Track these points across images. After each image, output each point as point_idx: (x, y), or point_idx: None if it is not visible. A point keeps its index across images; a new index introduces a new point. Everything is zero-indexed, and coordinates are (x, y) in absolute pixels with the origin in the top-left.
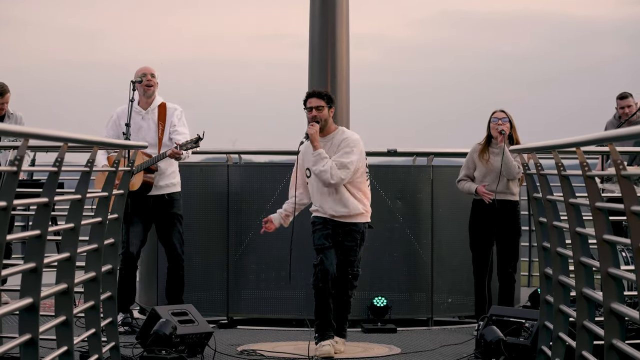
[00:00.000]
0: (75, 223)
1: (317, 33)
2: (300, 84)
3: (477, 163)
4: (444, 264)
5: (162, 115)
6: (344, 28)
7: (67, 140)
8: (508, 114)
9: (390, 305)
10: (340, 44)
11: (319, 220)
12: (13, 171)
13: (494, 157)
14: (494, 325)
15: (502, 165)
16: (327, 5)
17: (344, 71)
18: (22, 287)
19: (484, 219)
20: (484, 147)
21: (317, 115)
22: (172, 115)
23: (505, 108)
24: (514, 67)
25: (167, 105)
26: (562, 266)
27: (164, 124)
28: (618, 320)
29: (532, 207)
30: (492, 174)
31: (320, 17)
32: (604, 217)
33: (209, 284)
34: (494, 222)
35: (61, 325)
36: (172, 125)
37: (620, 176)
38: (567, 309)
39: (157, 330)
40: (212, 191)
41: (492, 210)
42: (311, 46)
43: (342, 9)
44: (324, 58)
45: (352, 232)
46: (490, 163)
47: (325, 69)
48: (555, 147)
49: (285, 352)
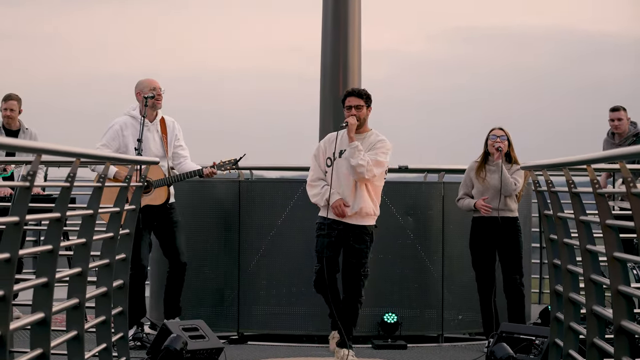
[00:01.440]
0: (87, 238)
1: (329, 47)
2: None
3: (474, 181)
4: (454, 280)
5: (164, 128)
6: (356, 43)
7: (80, 156)
8: (506, 131)
9: (401, 322)
10: (352, 58)
11: (325, 225)
12: (26, 186)
13: (491, 175)
14: (504, 342)
15: (501, 180)
16: (340, 20)
17: (356, 85)
18: (34, 301)
19: (484, 236)
20: (481, 164)
21: (357, 114)
22: (173, 128)
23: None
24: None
25: (166, 119)
26: (572, 283)
27: (167, 137)
28: (628, 338)
29: (542, 224)
30: (489, 191)
31: (332, 31)
32: (614, 234)
33: (220, 300)
34: (494, 240)
35: (72, 340)
36: (177, 139)
37: (630, 194)
38: (578, 326)
39: (167, 346)
40: (224, 207)
41: (492, 227)
42: (323, 60)
43: (354, 23)
44: (335, 72)
45: (362, 235)
46: (487, 181)
47: (337, 83)
48: (566, 165)
49: None
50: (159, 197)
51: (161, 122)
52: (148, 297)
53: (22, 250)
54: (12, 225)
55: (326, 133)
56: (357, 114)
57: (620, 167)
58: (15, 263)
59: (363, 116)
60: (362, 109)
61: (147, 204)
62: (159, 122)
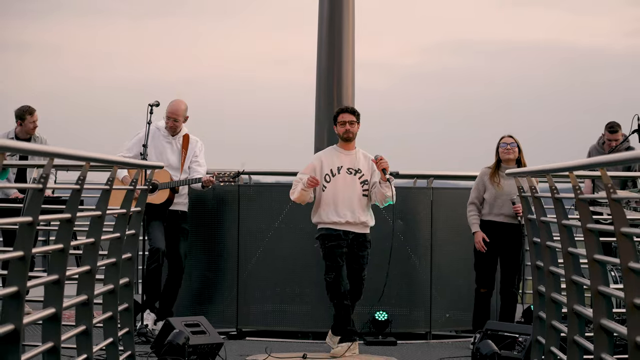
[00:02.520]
0: (95, 238)
1: (324, 59)
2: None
3: (487, 186)
4: (442, 281)
5: (185, 144)
6: (350, 55)
7: (90, 160)
8: (516, 138)
9: (391, 320)
10: (346, 69)
11: (333, 236)
12: (39, 188)
13: (504, 181)
14: (490, 339)
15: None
16: (334, 32)
17: (350, 95)
18: (46, 297)
19: (491, 240)
20: (494, 171)
21: (350, 129)
22: (194, 146)
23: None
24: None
25: (190, 137)
26: (554, 284)
27: (186, 152)
28: (607, 336)
29: (526, 227)
30: (502, 197)
31: (327, 44)
32: (594, 237)
33: (220, 298)
34: (498, 244)
35: (81, 334)
36: (195, 156)
37: (611, 199)
38: (559, 324)
39: (171, 341)
40: (224, 210)
41: (497, 232)
42: (318, 71)
43: (348, 37)
44: (330, 82)
45: (364, 243)
46: (501, 186)
47: (332, 93)
48: (550, 172)
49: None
50: (160, 198)
51: (184, 137)
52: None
53: (35, 248)
54: (26, 225)
55: (320, 139)
56: (350, 129)
57: (601, 174)
58: (29, 261)
59: (355, 131)
60: (355, 125)
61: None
62: (182, 138)
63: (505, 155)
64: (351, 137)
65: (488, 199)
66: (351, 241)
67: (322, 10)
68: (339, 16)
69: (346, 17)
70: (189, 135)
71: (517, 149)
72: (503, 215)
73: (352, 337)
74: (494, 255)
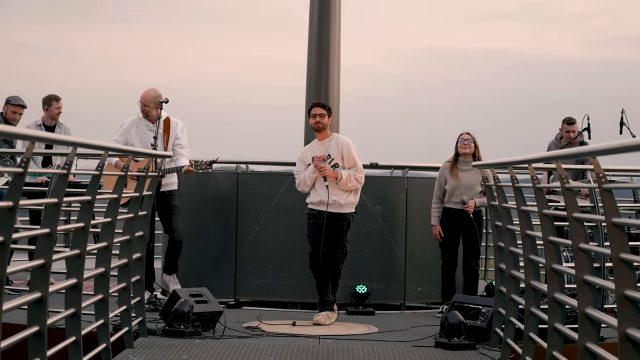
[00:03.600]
0: (112, 218)
1: (313, 64)
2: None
3: (447, 178)
4: (415, 258)
5: (167, 127)
6: (336, 60)
7: (108, 149)
8: (472, 135)
9: (370, 292)
10: (333, 73)
11: (312, 215)
12: (64, 174)
13: (462, 173)
14: (456, 310)
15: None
16: (322, 41)
17: (335, 95)
18: (68, 269)
19: (451, 223)
20: (453, 164)
21: (320, 121)
22: (175, 128)
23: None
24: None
25: (171, 119)
26: (514, 262)
27: (168, 135)
28: (560, 308)
29: (489, 213)
30: (461, 187)
31: (316, 50)
32: (549, 222)
33: (220, 272)
34: (460, 227)
35: (99, 302)
36: (177, 138)
37: (564, 188)
38: (517, 297)
39: (177, 309)
40: (224, 194)
41: (460, 217)
42: (308, 74)
43: (335, 44)
44: (319, 84)
45: (339, 222)
46: (459, 178)
47: (320, 93)
48: (510, 164)
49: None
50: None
51: (165, 121)
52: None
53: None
54: (52, 206)
55: (310, 134)
56: (320, 120)
57: (556, 166)
58: (55, 237)
59: (325, 123)
60: (325, 117)
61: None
62: (163, 122)
63: (463, 149)
64: (321, 128)
65: (449, 189)
66: (327, 220)
67: (312, 22)
68: (327, 27)
69: (333, 28)
70: (169, 118)
71: (473, 145)
72: (462, 203)
73: (329, 307)
74: (456, 236)
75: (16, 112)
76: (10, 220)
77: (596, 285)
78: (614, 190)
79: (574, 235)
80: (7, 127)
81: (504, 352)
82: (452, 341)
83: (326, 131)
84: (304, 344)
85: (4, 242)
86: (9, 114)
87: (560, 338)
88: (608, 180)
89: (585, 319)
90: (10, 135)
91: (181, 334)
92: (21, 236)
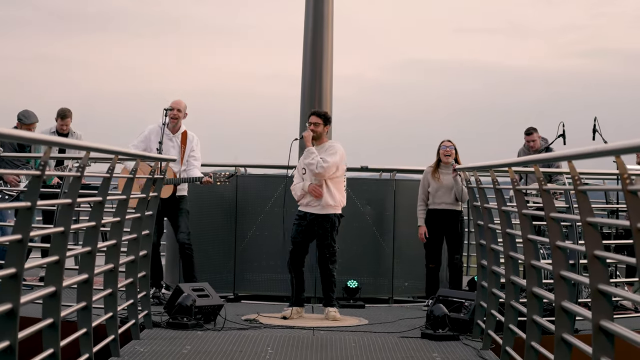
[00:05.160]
0: (120, 217)
1: (307, 73)
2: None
3: (430, 181)
4: (402, 255)
5: (184, 140)
6: (329, 70)
7: (118, 154)
8: (453, 142)
9: (360, 287)
10: (326, 82)
11: (299, 216)
12: (77, 176)
13: (444, 176)
14: (441, 303)
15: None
16: (316, 53)
17: (328, 103)
18: (80, 265)
19: (435, 223)
20: (435, 169)
21: (314, 129)
22: (191, 141)
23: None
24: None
25: (188, 133)
26: (494, 259)
27: (185, 147)
28: (537, 301)
29: (472, 212)
30: (442, 189)
31: (310, 61)
32: (528, 221)
33: (220, 268)
34: (443, 227)
35: (108, 296)
36: (192, 150)
37: (542, 190)
38: (498, 291)
39: (180, 302)
40: (223, 196)
41: (442, 217)
42: (303, 84)
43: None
44: (312, 93)
45: (323, 223)
46: (441, 181)
47: (314, 101)
48: (492, 167)
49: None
50: (166, 193)
51: (183, 134)
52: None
53: (74, 225)
54: (66, 206)
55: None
56: (314, 129)
57: (534, 170)
58: (69, 235)
59: (319, 131)
60: (320, 125)
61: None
62: (181, 135)
63: (445, 155)
64: (315, 136)
65: (432, 191)
66: (312, 221)
67: (307, 35)
68: (320, 40)
69: (326, 40)
70: (187, 132)
71: (454, 151)
72: (444, 203)
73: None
74: (439, 236)
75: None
76: (28, 219)
77: (571, 280)
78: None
79: (551, 234)
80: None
81: (486, 342)
82: (437, 332)
83: (322, 138)
84: (299, 335)
85: (22, 239)
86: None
87: (538, 329)
88: (583, 182)
89: (561, 312)
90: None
91: (184, 326)
92: (38, 234)
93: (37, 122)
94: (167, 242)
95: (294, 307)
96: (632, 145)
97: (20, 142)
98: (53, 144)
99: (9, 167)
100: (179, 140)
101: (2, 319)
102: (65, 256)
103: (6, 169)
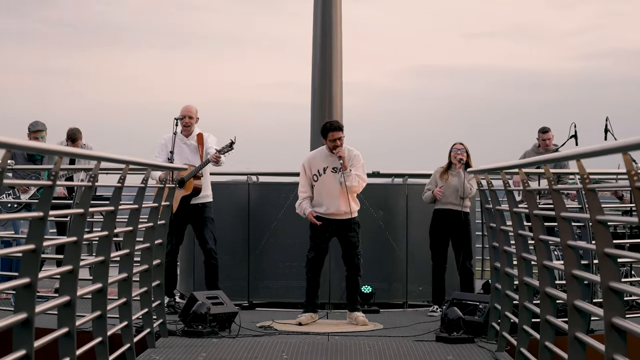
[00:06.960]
0: (133, 227)
1: (317, 81)
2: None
3: (438, 181)
4: (415, 260)
5: (200, 141)
6: (339, 77)
7: (129, 163)
8: (465, 145)
9: (374, 292)
10: (335, 89)
11: (318, 219)
12: (89, 186)
13: (452, 178)
14: (455, 306)
15: (463, 185)
16: (325, 61)
17: (338, 111)
18: (94, 275)
19: (441, 225)
20: (445, 170)
21: (340, 144)
22: (207, 139)
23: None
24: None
25: (203, 133)
26: (508, 261)
27: (202, 147)
28: (551, 302)
29: (484, 215)
30: (449, 189)
31: (320, 68)
32: (540, 222)
33: (235, 276)
34: (450, 229)
35: (123, 305)
36: (209, 147)
37: (552, 190)
38: (512, 293)
39: (195, 310)
40: (236, 204)
41: (449, 218)
42: (312, 91)
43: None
44: (323, 101)
45: (352, 225)
46: (448, 182)
47: (324, 108)
48: (503, 169)
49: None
50: (188, 188)
51: (198, 136)
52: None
53: (86, 235)
54: (79, 216)
55: (315, 147)
56: (340, 144)
57: (545, 170)
58: (82, 245)
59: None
60: (342, 139)
61: (183, 195)
62: (196, 137)
63: (456, 158)
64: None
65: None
66: (338, 225)
67: (316, 44)
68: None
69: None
70: (202, 133)
71: (465, 154)
72: (450, 204)
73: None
74: (445, 236)
75: (37, 137)
76: (41, 229)
77: (584, 279)
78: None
79: (562, 233)
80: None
81: (500, 344)
82: (452, 335)
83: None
84: (314, 341)
85: (35, 249)
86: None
87: (552, 330)
88: (592, 181)
89: (574, 311)
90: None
91: (199, 334)
92: (51, 244)
93: (44, 130)
94: (181, 251)
95: (309, 313)
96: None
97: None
98: (64, 154)
99: (20, 178)
100: (194, 142)
101: (18, 328)
102: (79, 265)
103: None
